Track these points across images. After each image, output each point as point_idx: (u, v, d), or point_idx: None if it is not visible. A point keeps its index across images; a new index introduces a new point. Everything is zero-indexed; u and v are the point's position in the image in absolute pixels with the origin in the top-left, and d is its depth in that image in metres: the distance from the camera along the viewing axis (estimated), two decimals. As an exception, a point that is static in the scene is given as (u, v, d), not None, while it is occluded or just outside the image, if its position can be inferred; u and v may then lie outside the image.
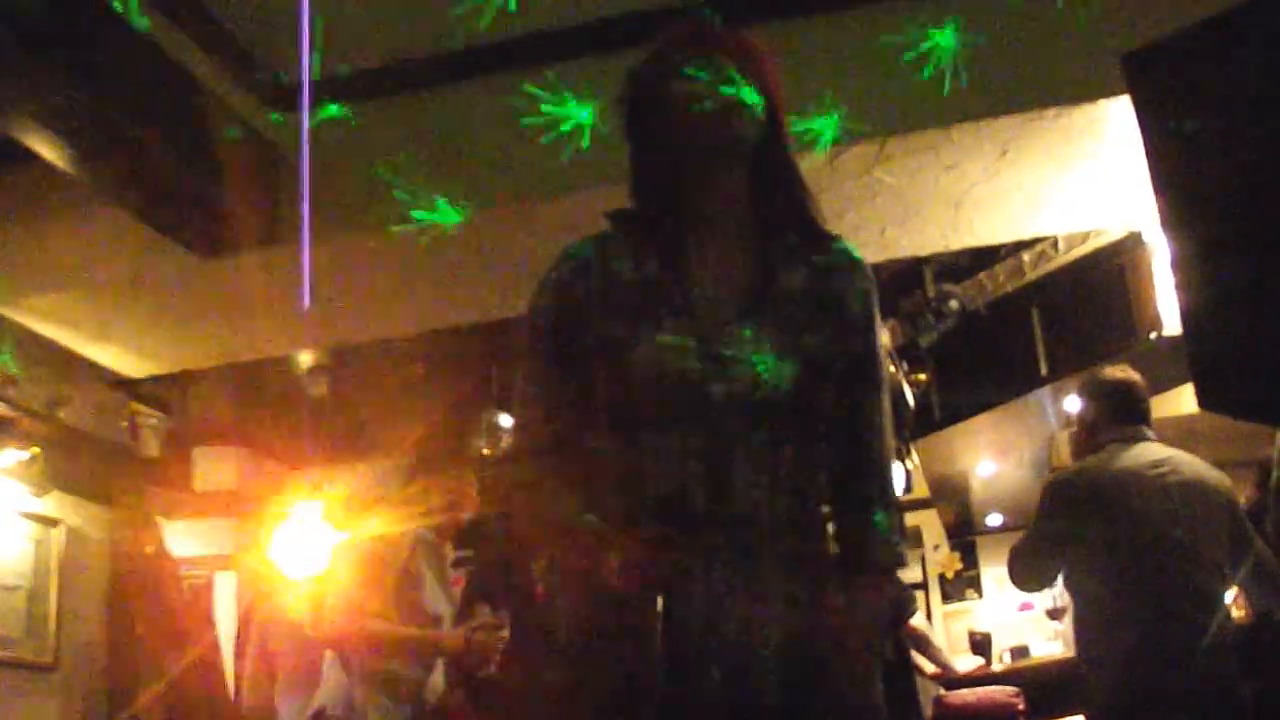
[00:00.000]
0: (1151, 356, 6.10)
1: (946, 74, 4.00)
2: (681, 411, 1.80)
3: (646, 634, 1.71)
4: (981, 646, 7.86)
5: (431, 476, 4.07)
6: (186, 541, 7.68)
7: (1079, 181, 4.67)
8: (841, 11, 4.34)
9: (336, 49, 4.16)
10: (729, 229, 1.92)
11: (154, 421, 6.75)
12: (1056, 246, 7.36)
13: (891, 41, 4.04)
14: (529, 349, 1.94)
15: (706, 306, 1.86)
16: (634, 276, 1.88)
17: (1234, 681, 3.67)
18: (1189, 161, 2.26)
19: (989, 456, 9.72)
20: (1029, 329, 8.76)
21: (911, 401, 7.86)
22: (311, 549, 6.03)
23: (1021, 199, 4.78)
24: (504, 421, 7.69)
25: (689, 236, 1.91)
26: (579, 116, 4.09)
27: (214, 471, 8.34)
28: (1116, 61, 2.79)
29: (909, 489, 8.27)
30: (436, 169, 4.60)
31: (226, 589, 7.92)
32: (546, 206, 4.55)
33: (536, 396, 1.93)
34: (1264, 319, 2.21)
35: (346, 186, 4.68)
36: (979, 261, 7.58)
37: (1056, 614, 8.99)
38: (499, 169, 4.51)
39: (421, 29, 4.51)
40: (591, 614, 1.79)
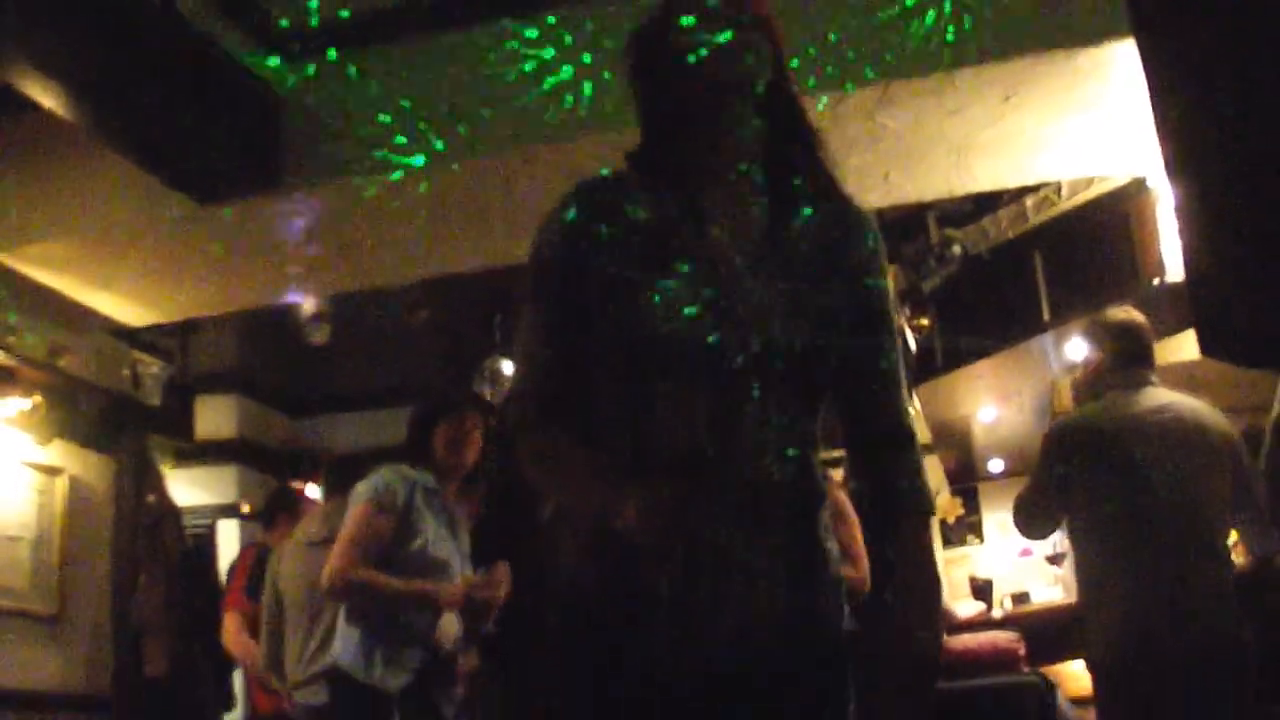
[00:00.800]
0: (1154, 302, 6.09)
1: (949, 18, 3.97)
2: (690, 361, 1.78)
3: (656, 588, 1.71)
4: (982, 592, 7.90)
5: (435, 423, 4.05)
6: (189, 490, 7.73)
7: (1083, 127, 4.64)
8: (845, -45, 4.31)
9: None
10: (741, 178, 1.90)
11: (155, 370, 6.75)
12: (1060, 192, 7.34)
13: (895, -15, 4.02)
14: (533, 288, 1.89)
15: (719, 255, 1.84)
16: (648, 219, 1.84)
17: (1235, 629, 3.67)
18: (1194, 105, 2.24)
19: (991, 402, 9.74)
20: (1031, 274, 8.76)
21: (914, 347, 7.87)
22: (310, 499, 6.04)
23: (1025, 144, 4.76)
24: (506, 367, 7.70)
25: (703, 182, 1.89)
26: (578, 61, 4.07)
27: (216, 420, 8.37)
28: (1121, 3, 2.77)
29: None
30: (437, 114, 4.58)
31: (229, 537, 7.97)
32: (546, 151, 4.52)
33: (541, 338, 1.88)
34: (1267, 266, 2.19)
35: (346, 132, 4.67)
36: (982, 207, 7.57)
37: (1057, 559, 9.04)
38: (499, 113, 4.49)
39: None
40: (602, 565, 1.78)
